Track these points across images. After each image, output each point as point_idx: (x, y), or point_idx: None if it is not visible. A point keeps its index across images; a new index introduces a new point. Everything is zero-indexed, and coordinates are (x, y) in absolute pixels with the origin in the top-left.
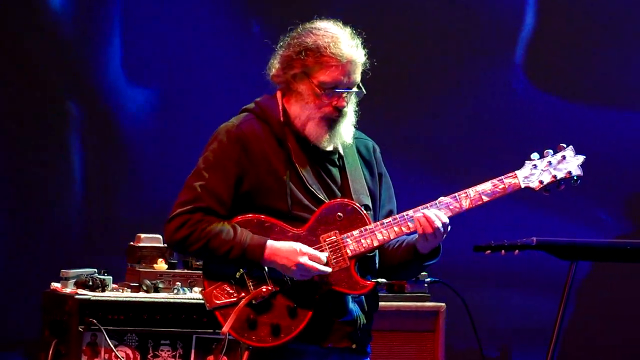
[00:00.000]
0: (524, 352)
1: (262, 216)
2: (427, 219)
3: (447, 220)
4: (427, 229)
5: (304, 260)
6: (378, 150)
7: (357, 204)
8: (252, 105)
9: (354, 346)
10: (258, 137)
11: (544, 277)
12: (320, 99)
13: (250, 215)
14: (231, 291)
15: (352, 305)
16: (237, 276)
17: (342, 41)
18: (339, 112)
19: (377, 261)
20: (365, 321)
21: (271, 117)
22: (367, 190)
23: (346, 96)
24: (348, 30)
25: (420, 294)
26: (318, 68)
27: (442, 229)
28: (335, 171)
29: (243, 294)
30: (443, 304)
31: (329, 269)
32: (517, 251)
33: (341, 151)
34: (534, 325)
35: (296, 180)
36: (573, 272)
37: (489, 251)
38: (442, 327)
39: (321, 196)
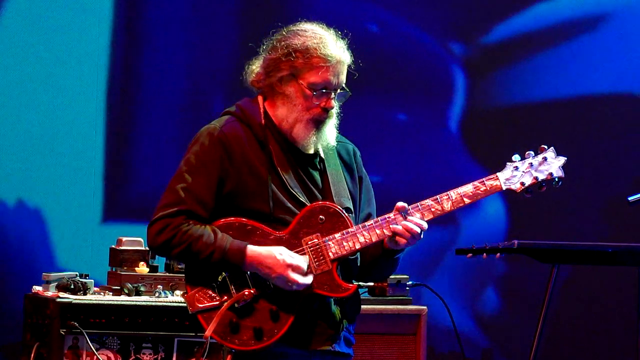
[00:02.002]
0: (506, 354)
1: (244, 219)
2: (410, 230)
3: (425, 227)
4: (406, 235)
5: (287, 272)
6: (358, 153)
7: (339, 207)
8: (233, 108)
9: (336, 349)
10: (240, 140)
11: (526, 279)
12: (309, 101)
13: (232, 218)
14: (213, 295)
15: (335, 308)
16: (220, 280)
17: (330, 42)
18: (326, 113)
19: (357, 263)
20: (348, 324)
21: (253, 119)
22: (348, 193)
23: (334, 97)
24: (332, 31)
25: (401, 297)
26: (307, 69)
27: (419, 236)
28: (316, 174)
29: (225, 298)
30: (425, 307)
31: (308, 280)
32: (498, 254)
33: (322, 154)
34: (517, 327)
35: (278, 183)
36: (554, 275)
37: (470, 254)
38: (424, 330)
39: (303, 199)
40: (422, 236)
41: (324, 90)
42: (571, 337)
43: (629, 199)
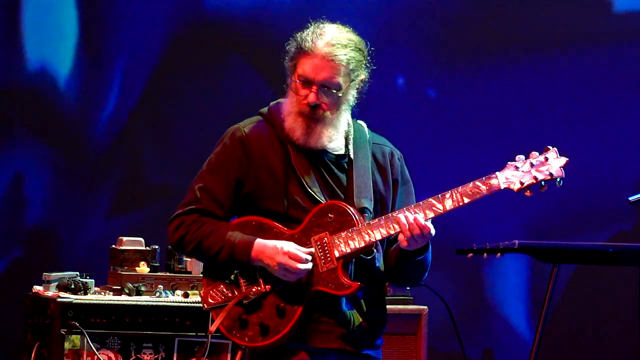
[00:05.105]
0: (506, 354)
1: (261, 218)
2: (410, 224)
3: (423, 223)
4: (406, 232)
5: (285, 259)
6: (397, 156)
7: (349, 206)
8: (265, 108)
9: (348, 348)
10: (261, 140)
11: (526, 279)
12: (297, 93)
13: (249, 217)
14: (226, 291)
15: (345, 307)
16: (232, 277)
17: (323, 38)
18: (310, 109)
19: (378, 264)
20: (362, 324)
21: (278, 119)
22: (373, 194)
23: (317, 93)
24: (347, 34)
25: (402, 296)
26: (297, 60)
27: (422, 237)
28: (341, 174)
29: (236, 294)
30: (425, 307)
31: (308, 266)
32: (499, 254)
33: (352, 155)
34: (517, 327)
35: (295, 183)
36: (555, 274)
37: (471, 254)
38: (425, 329)
39: (321, 198)
40: (426, 238)
41: (306, 83)
42: (572, 337)
43: (630, 199)
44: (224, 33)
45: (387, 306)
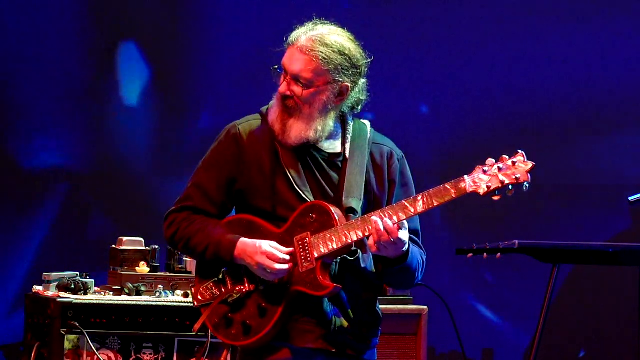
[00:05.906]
0: (506, 354)
1: (251, 217)
2: (372, 227)
3: (391, 226)
4: (374, 237)
5: (262, 259)
6: (397, 157)
7: (331, 206)
8: (265, 107)
9: (330, 348)
10: (255, 138)
11: (526, 279)
12: (277, 82)
13: (240, 215)
14: (214, 289)
15: (328, 307)
16: (220, 276)
17: (310, 33)
18: (281, 99)
19: (364, 265)
20: (346, 325)
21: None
22: (367, 195)
23: (288, 83)
24: (337, 37)
25: (402, 296)
26: (285, 51)
27: (387, 240)
28: (333, 173)
29: (224, 292)
30: (425, 307)
31: (285, 266)
32: (499, 254)
33: (347, 154)
34: (517, 327)
35: (283, 181)
36: (555, 274)
37: (471, 254)
38: (425, 329)
39: (308, 197)
40: (397, 246)
41: (284, 73)
42: (572, 337)
43: (630, 199)
44: None
45: (388, 306)
